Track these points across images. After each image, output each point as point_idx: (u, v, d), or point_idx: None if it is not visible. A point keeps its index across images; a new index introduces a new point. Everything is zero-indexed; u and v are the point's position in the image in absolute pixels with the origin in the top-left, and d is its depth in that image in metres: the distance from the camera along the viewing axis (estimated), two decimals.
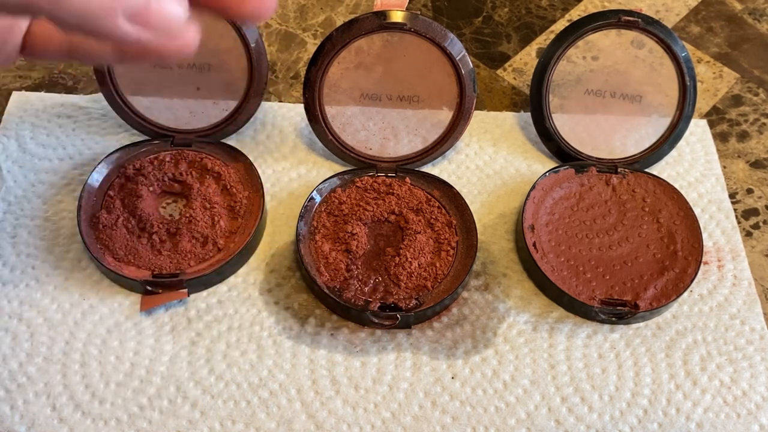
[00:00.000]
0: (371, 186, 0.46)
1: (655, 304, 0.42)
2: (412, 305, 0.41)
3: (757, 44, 0.60)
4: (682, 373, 0.41)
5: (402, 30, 0.44)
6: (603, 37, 0.48)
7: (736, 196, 0.50)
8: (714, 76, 0.57)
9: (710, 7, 0.63)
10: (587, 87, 0.49)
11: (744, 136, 0.53)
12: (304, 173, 0.48)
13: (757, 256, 0.47)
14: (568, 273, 0.43)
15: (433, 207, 0.45)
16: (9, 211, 0.45)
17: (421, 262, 0.42)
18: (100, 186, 0.45)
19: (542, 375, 0.40)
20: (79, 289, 0.42)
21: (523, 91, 0.55)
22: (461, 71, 0.45)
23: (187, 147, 0.47)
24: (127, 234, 0.43)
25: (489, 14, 0.61)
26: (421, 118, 0.48)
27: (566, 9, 0.61)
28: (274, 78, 0.54)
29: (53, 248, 0.43)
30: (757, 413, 0.40)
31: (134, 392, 0.38)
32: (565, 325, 0.42)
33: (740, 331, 0.43)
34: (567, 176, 0.47)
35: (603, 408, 0.40)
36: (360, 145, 0.48)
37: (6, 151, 0.48)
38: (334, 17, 0.59)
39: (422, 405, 0.39)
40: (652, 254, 0.44)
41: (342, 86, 0.47)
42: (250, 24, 0.44)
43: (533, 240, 0.44)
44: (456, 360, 0.41)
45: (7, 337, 0.40)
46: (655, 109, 0.48)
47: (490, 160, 0.50)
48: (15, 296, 0.41)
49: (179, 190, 0.45)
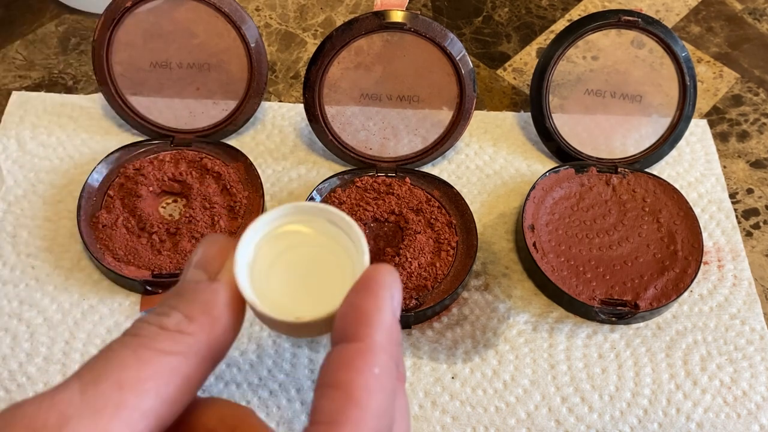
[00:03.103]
0: (371, 186, 0.46)
1: (655, 304, 0.42)
2: (412, 305, 0.41)
3: (758, 44, 0.60)
4: (682, 373, 0.41)
5: (402, 30, 0.44)
6: (603, 37, 0.48)
7: (736, 196, 0.50)
8: (714, 76, 0.57)
9: (710, 7, 0.62)
10: (587, 87, 0.49)
11: (744, 136, 0.53)
12: (304, 173, 0.48)
13: (758, 256, 0.47)
14: (568, 273, 0.43)
15: (433, 207, 0.45)
16: (9, 211, 0.45)
17: (421, 262, 0.42)
18: (99, 186, 0.45)
19: (542, 375, 0.40)
20: (78, 289, 0.42)
21: (523, 91, 0.55)
22: (461, 71, 0.45)
23: (186, 147, 0.47)
24: (127, 234, 0.43)
25: (489, 14, 0.61)
26: (421, 118, 0.48)
27: (566, 9, 0.61)
28: (274, 78, 0.54)
29: (53, 248, 0.43)
30: (758, 413, 0.40)
31: None
32: (565, 325, 0.42)
33: (740, 331, 0.43)
34: (567, 176, 0.47)
35: (603, 408, 0.40)
36: (360, 145, 0.48)
37: (6, 151, 0.48)
38: (334, 17, 0.59)
39: (422, 405, 0.39)
40: (653, 254, 0.44)
41: (342, 86, 0.47)
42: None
43: (533, 240, 0.44)
44: (456, 360, 0.41)
45: (6, 337, 0.40)
46: (656, 109, 0.48)
47: (490, 160, 0.50)
48: (15, 296, 0.41)
49: (179, 190, 0.45)
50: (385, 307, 0.22)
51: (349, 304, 0.23)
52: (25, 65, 0.53)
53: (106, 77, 0.47)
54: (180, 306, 0.23)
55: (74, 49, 0.55)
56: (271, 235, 0.26)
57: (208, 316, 0.23)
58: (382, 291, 0.23)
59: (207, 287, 0.24)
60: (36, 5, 0.57)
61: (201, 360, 0.22)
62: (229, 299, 0.24)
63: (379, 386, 0.21)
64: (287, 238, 0.26)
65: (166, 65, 0.47)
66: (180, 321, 0.22)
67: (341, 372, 0.21)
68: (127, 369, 0.21)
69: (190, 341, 0.22)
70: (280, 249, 0.26)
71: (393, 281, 0.23)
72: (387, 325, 0.22)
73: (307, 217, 0.26)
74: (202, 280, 0.24)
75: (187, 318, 0.23)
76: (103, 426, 0.20)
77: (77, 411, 0.20)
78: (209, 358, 0.23)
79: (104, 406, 0.20)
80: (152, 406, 0.21)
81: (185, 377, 0.22)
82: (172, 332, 0.22)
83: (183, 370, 0.22)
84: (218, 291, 0.23)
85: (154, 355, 0.21)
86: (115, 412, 0.20)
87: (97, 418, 0.20)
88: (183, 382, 0.21)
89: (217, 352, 0.23)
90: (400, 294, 0.24)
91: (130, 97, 0.48)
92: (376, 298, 0.22)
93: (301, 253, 0.26)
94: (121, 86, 0.47)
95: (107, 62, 0.46)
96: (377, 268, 0.23)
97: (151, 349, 0.21)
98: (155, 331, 0.22)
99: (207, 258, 0.25)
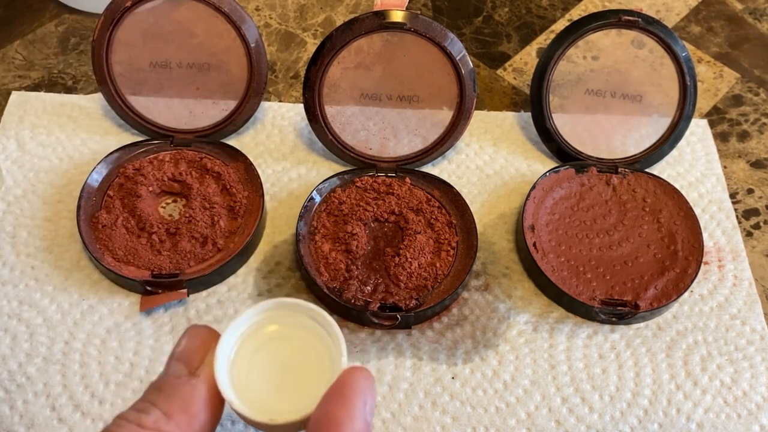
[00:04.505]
0: (371, 186, 0.46)
1: (656, 305, 0.42)
2: (412, 305, 0.41)
3: (758, 44, 0.60)
4: (682, 373, 0.41)
5: (402, 30, 0.44)
6: (603, 37, 0.48)
7: (736, 196, 0.50)
8: (714, 75, 0.57)
9: (710, 7, 0.62)
10: (587, 87, 0.49)
11: (744, 136, 0.53)
12: (304, 173, 0.48)
13: (758, 256, 0.47)
14: (568, 273, 0.43)
15: (433, 207, 0.45)
16: (9, 211, 0.45)
17: (421, 262, 0.42)
18: (99, 186, 0.45)
19: (542, 375, 0.40)
20: (78, 290, 0.42)
21: (523, 91, 0.55)
22: (461, 71, 0.45)
23: (186, 147, 0.47)
24: (127, 234, 0.43)
25: (489, 14, 0.61)
26: (421, 118, 0.48)
27: (566, 9, 0.61)
28: (273, 78, 0.54)
29: (53, 248, 0.43)
30: (758, 413, 0.40)
31: (134, 392, 0.38)
32: (565, 325, 0.42)
33: (741, 332, 0.43)
34: (567, 176, 0.47)
35: (603, 408, 0.39)
36: (360, 145, 0.48)
37: (6, 151, 0.48)
38: (334, 17, 0.59)
39: (422, 405, 0.39)
40: (653, 254, 0.44)
41: (342, 86, 0.46)
42: None
43: (533, 240, 0.44)
44: (456, 360, 0.41)
45: (6, 338, 0.40)
46: (656, 109, 0.48)
47: (490, 160, 0.50)
48: (15, 296, 0.41)
49: (179, 190, 0.45)
50: (357, 416, 0.23)
51: (323, 411, 0.23)
52: (25, 65, 0.53)
53: (106, 77, 0.47)
54: (159, 402, 0.23)
55: (74, 49, 0.55)
56: (252, 329, 0.27)
57: (186, 413, 0.23)
58: (356, 398, 0.23)
59: (186, 383, 0.24)
60: (36, 5, 0.57)
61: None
62: (208, 395, 0.24)
63: None
64: (269, 333, 0.27)
65: (165, 65, 0.47)
66: (158, 419, 0.23)
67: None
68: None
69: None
70: (261, 342, 0.27)
71: (367, 387, 0.24)
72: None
73: (289, 312, 0.27)
74: (182, 375, 0.24)
75: (165, 416, 0.23)
76: None
77: None
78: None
79: None
80: None
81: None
82: (150, 431, 0.23)
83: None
84: (197, 387, 0.24)
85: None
86: None
87: None
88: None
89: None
90: (374, 399, 0.24)
91: (129, 97, 0.48)
92: (348, 407, 0.23)
93: (281, 347, 0.27)
94: (120, 86, 0.47)
95: (107, 62, 0.46)
96: (352, 373, 0.24)
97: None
98: (134, 430, 0.22)
99: (188, 351, 0.25)
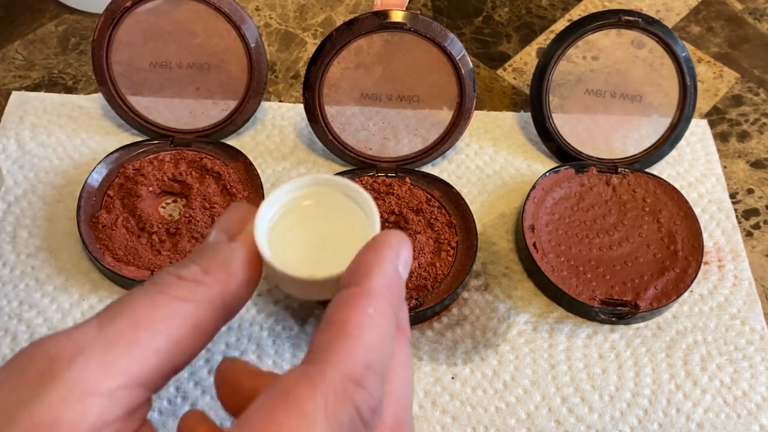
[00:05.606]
0: (371, 186, 0.46)
1: (656, 304, 0.42)
2: (412, 305, 0.41)
3: (758, 44, 0.60)
4: (682, 373, 0.41)
5: (402, 30, 0.44)
6: (603, 37, 0.48)
7: (736, 196, 0.50)
8: (714, 76, 0.57)
9: (710, 7, 0.62)
10: (587, 87, 0.49)
11: (744, 136, 0.53)
12: (304, 173, 0.48)
13: (758, 256, 0.47)
14: (568, 273, 0.43)
15: (433, 207, 0.45)
16: (9, 211, 0.45)
17: (421, 262, 0.42)
18: (99, 186, 0.45)
19: (542, 375, 0.40)
20: (78, 290, 0.42)
21: (523, 91, 0.55)
22: (461, 71, 0.45)
23: (186, 147, 0.47)
24: (127, 234, 0.43)
25: (489, 14, 0.61)
26: (421, 118, 0.48)
27: (566, 9, 0.61)
28: (273, 78, 0.54)
29: (53, 248, 0.43)
30: (758, 413, 0.40)
31: None
32: (565, 325, 0.42)
33: (740, 332, 0.43)
34: (567, 176, 0.47)
35: (603, 408, 0.40)
36: (360, 145, 0.48)
37: (6, 151, 0.48)
38: (334, 17, 0.59)
39: (422, 405, 0.39)
40: (653, 254, 0.44)
41: (342, 86, 0.46)
42: None
43: (533, 240, 0.44)
44: (456, 360, 0.41)
45: (6, 338, 0.40)
46: (656, 109, 0.48)
47: (490, 160, 0.50)
48: (15, 296, 0.41)
49: (179, 190, 0.45)
50: (385, 260, 0.24)
51: (355, 260, 0.24)
52: (25, 65, 0.53)
53: (106, 77, 0.47)
54: (199, 260, 0.25)
55: (74, 49, 0.55)
56: (290, 204, 0.28)
57: (223, 271, 0.25)
58: (386, 248, 0.24)
59: (225, 246, 0.25)
60: (36, 5, 0.57)
61: (213, 310, 0.24)
62: (246, 258, 0.25)
63: (372, 324, 0.22)
64: (305, 208, 0.28)
65: (165, 65, 0.47)
66: (197, 272, 0.24)
67: (338, 311, 0.23)
68: (142, 311, 0.23)
69: (204, 290, 0.24)
70: (298, 218, 0.28)
71: (399, 242, 0.25)
72: (386, 275, 0.24)
73: (324, 188, 0.29)
74: (222, 240, 0.26)
75: (203, 270, 0.24)
76: (114, 358, 0.21)
77: (92, 344, 0.21)
78: (221, 309, 0.24)
79: (118, 341, 0.22)
80: (163, 345, 0.22)
81: (196, 323, 0.23)
82: (188, 281, 0.24)
83: (194, 316, 0.23)
84: (236, 249, 0.25)
85: (169, 300, 0.23)
86: (128, 347, 0.22)
87: (110, 351, 0.21)
88: (193, 327, 0.23)
89: (230, 306, 0.25)
90: (409, 255, 0.25)
91: (129, 97, 0.48)
92: (378, 253, 0.24)
93: (317, 220, 0.28)
94: (120, 86, 0.47)
95: (107, 62, 0.46)
96: (386, 232, 0.25)
97: (166, 294, 0.23)
98: (172, 280, 0.24)
99: (229, 222, 0.26)
